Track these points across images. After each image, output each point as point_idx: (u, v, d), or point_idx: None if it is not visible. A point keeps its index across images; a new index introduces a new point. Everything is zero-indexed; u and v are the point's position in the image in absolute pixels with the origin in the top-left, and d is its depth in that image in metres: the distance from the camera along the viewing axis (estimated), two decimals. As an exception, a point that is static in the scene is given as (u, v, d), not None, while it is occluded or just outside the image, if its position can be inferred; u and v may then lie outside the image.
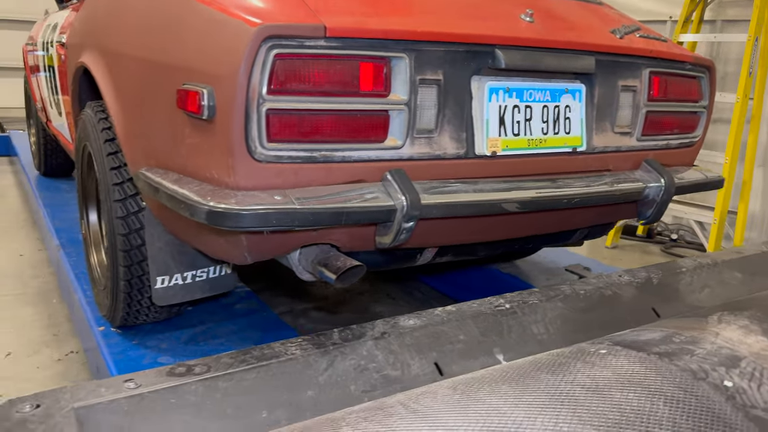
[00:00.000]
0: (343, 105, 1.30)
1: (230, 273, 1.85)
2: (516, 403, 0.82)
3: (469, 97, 1.47)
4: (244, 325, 2.12)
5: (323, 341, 1.06)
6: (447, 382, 0.93)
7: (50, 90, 2.93)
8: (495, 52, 1.45)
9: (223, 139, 1.24)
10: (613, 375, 0.91)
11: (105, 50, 1.73)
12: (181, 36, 1.36)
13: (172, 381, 0.91)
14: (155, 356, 1.85)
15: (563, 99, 1.61)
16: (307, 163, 1.30)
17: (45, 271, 3.18)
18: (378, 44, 1.31)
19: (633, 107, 1.76)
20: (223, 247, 1.42)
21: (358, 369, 1.02)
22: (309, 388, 0.97)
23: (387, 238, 1.39)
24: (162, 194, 1.34)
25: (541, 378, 0.91)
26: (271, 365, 0.98)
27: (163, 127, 1.43)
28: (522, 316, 1.22)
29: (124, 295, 1.78)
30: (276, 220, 1.21)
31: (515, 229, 1.70)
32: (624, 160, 1.77)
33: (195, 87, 1.26)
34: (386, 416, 0.79)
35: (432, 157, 1.44)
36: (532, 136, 1.56)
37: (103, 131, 1.77)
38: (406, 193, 1.32)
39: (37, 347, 2.37)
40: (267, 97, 1.22)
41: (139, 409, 0.86)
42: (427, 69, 1.38)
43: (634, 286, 1.41)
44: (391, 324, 1.14)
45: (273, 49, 1.20)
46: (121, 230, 1.69)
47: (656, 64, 1.77)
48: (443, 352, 1.10)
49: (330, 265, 1.40)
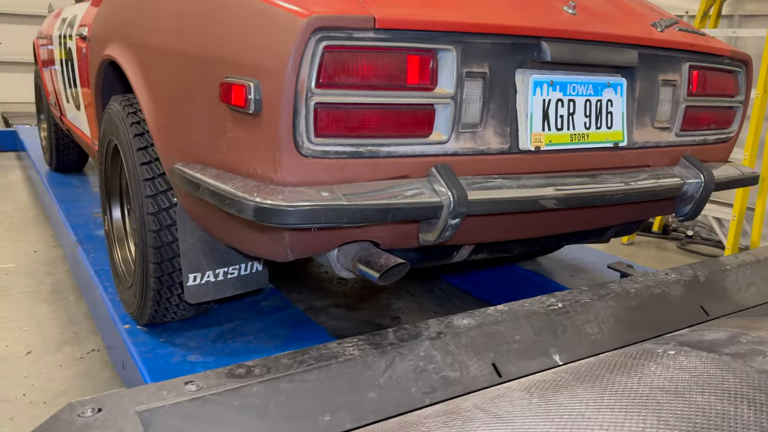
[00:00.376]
0: (390, 99, 1.26)
1: (261, 270, 1.82)
2: (598, 407, 0.79)
3: (514, 90, 1.44)
4: (271, 322, 2.09)
5: (379, 341, 1.03)
6: (516, 385, 0.90)
7: (66, 84, 2.89)
8: (541, 45, 1.41)
9: (269, 134, 1.21)
10: (690, 377, 0.89)
11: (135, 43, 1.70)
12: (223, 28, 1.32)
13: (233, 383, 0.88)
14: (184, 354, 1.82)
15: (605, 93, 1.58)
16: (353, 158, 1.27)
17: (60, 268, 3.15)
18: (426, 36, 1.27)
19: (673, 102, 1.73)
20: (264, 244, 1.39)
21: (417, 370, 0.99)
22: (370, 389, 0.94)
23: (431, 235, 1.36)
24: (203, 190, 1.31)
25: (615, 380, 0.88)
26: (330, 366, 0.95)
27: (202, 122, 1.40)
28: (575, 315, 1.19)
29: (154, 292, 1.75)
30: (325, 217, 1.18)
31: (553, 225, 1.67)
32: (662, 156, 1.74)
33: (240, 80, 1.23)
34: (466, 421, 0.76)
35: (476, 152, 1.41)
36: (574, 130, 1.53)
37: (133, 126, 1.74)
38: (452, 188, 1.29)
39: (58, 345, 2.34)
40: (315, 90, 1.19)
41: (202, 412, 0.83)
42: (473, 62, 1.35)
43: (682, 284, 1.39)
44: (445, 323, 1.11)
45: (322, 41, 1.17)
46: (152, 227, 1.66)
47: (696, 58, 1.74)
48: (500, 353, 1.07)
49: (372, 263, 1.37)
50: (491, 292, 2.86)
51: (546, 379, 0.90)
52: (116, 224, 2.14)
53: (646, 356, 0.98)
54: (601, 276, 2.81)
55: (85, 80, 2.40)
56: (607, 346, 1.19)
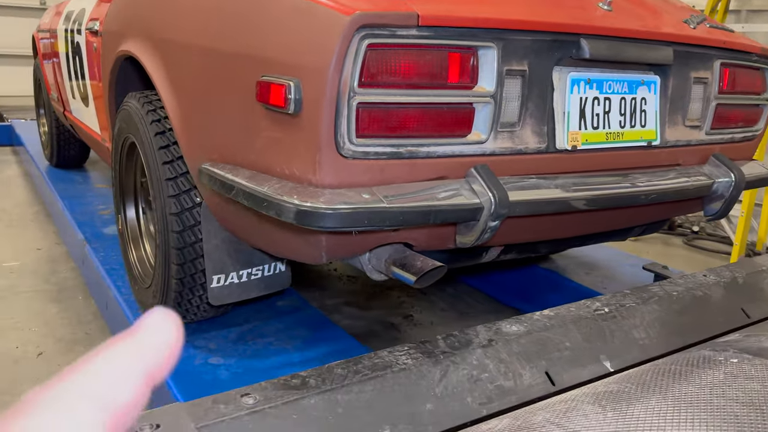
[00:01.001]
0: (431, 98, 1.23)
1: (285, 270, 1.78)
2: (677, 421, 0.77)
3: (551, 88, 1.41)
4: (290, 323, 2.06)
5: (431, 349, 1.00)
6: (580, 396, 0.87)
7: (73, 79, 2.83)
8: (580, 42, 1.38)
9: (309, 135, 1.17)
10: (761, 388, 0.86)
11: (157, 39, 1.65)
12: (260, 25, 1.28)
13: (290, 395, 0.85)
14: (206, 357, 1.79)
15: (639, 91, 1.55)
16: (393, 159, 1.23)
17: (65, 266, 3.09)
18: (467, 33, 1.24)
19: (704, 100, 1.70)
20: (298, 246, 1.35)
21: (472, 379, 0.97)
22: (427, 400, 0.91)
23: (470, 237, 1.33)
24: (238, 192, 1.27)
25: (686, 391, 0.86)
26: (386, 376, 0.92)
27: (233, 121, 1.36)
28: (621, 320, 1.17)
29: (176, 294, 1.71)
30: (368, 220, 1.15)
31: (585, 225, 1.65)
32: (692, 155, 1.71)
33: (279, 79, 1.19)
34: (545, 437, 0.74)
35: (513, 152, 1.38)
36: (610, 129, 1.51)
37: (153, 123, 1.69)
38: (493, 189, 1.26)
39: (70, 346, 2.29)
40: (358, 90, 1.15)
41: (263, 427, 0.80)
42: (513, 60, 1.32)
43: (722, 286, 1.37)
44: (494, 330, 1.08)
45: (366, 39, 1.13)
46: (175, 227, 1.62)
47: (727, 56, 1.71)
48: (551, 360, 1.05)
49: (408, 266, 1.34)
50: (505, 291, 2.83)
51: (611, 390, 0.88)
52: (131, 223, 2.10)
53: (708, 364, 0.96)
54: (617, 273, 2.79)
55: (95, 76, 2.34)
56: (655, 352, 1.16)
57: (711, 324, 1.27)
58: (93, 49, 2.31)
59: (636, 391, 0.86)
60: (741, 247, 3.50)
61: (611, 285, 2.66)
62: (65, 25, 2.83)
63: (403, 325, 2.64)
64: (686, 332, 1.22)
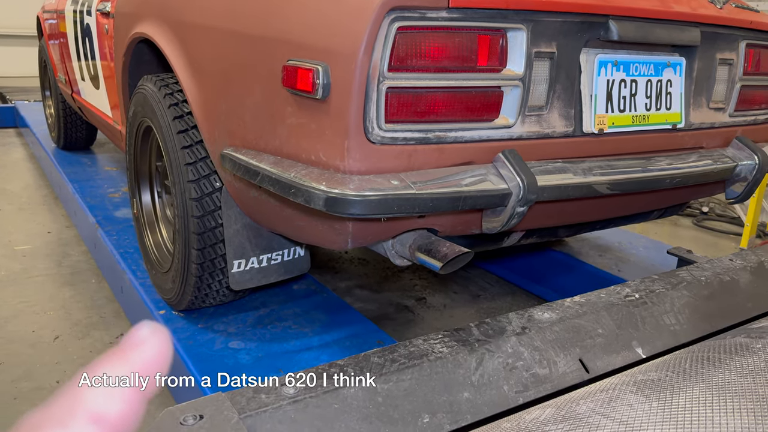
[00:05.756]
0: (460, 81, 1.21)
1: (304, 255, 1.77)
2: (723, 411, 0.76)
3: (579, 71, 1.39)
4: (307, 306, 2.05)
5: (465, 337, 1.00)
6: (622, 385, 0.87)
7: (82, 62, 2.80)
8: (608, 23, 1.36)
9: (337, 120, 1.16)
10: (805, 376, 0.85)
11: (175, 21, 1.62)
12: (286, 8, 1.26)
13: (330, 384, 0.84)
14: (226, 341, 1.79)
15: (665, 73, 1.53)
16: (421, 144, 1.22)
17: (76, 249, 3.09)
18: (497, 15, 1.22)
19: (728, 81, 1.68)
20: (323, 233, 1.34)
21: (507, 367, 0.96)
22: (464, 389, 0.91)
23: (497, 222, 1.32)
24: (263, 178, 1.26)
25: (728, 380, 0.85)
26: (423, 365, 0.91)
27: (257, 106, 1.34)
28: (652, 306, 1.16)
29: (196, 278, 1.71)
30: (397, 207, 1.14)
31: (609, 209, 1.64)
32: (716, 137, 1.69)
33: (306, 64, 1.17)
34: (593, 429, 0.73)
35: (540, 135, 1.36)
36: (636, 112, 1.49)
37: (171, 107, 1.67)
38: (521, 174, 1.25)
39: (86, 330, 2.29)
40: (388, 74, 1.13)
41: (305, 417, 0.80)
42: (542, 41, 1.30)
43: (749, 270, 1.36)
44: (526, 317, 1.07)
45: (396, 22, 1.11)
46: (195, 212, 1.61)
47: (753, 36, 1.69)
48: (585, 347, 1.04)
49: (434, 252, 1.33)
50: (519, 273, 2.83)
51: (651, 378, 0.87)
52: (146, 208, 2.09)
53: (745, 351, 0.95)
54: (630, 255, 2.78)
55: (107, 58, 2.31)
56: (686, 338, 1.16)
57: (740, 309, 1.27)
58: (104, 31, 2.28)
59: (678, 380, 0.85)
60: (752, 228, 3.48)
61: (625, 267, 2.65)
62: (74, 6, 2.80)
63: (416, 308, 2.64)
64: (716, 318, 1.22)
